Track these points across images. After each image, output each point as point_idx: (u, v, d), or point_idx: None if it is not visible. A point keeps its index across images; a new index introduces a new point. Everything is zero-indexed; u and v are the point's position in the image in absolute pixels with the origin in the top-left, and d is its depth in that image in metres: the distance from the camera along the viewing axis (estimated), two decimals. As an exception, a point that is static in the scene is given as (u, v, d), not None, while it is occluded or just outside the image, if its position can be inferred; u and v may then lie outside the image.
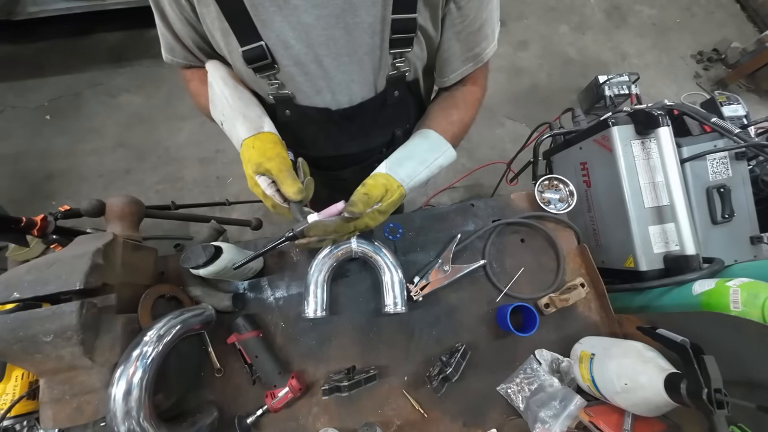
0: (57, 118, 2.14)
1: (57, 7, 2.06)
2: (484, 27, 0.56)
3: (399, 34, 0.50)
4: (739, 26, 2.65)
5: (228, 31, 0.48)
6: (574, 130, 1.20)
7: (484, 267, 0.80)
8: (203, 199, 1.85)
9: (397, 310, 0.70)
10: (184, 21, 0.52)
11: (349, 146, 0.68)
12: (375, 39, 0.50)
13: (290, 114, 0.60)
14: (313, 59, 0.51)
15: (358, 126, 0.64)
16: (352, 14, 0.47)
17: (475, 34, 0.56)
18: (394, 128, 0.69)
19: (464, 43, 0.57)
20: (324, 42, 0.49)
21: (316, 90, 0.56)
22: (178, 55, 0.60)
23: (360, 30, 0.48)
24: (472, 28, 0.54)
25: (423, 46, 0.55)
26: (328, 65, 0.52)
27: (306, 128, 0.64)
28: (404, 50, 0.53)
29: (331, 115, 0.59)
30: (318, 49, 0.50)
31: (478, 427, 0.69)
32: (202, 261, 0.61)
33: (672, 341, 0.53)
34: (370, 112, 0.61)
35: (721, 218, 0.96)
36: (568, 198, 0.85)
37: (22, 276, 0.53)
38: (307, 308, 0.69)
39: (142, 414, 0.51)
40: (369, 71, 0.55)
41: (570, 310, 0.78)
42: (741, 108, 1.44)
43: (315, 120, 0.61)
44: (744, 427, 0.52)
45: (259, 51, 0.49)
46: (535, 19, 2.59)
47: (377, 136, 0.69)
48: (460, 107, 0.64)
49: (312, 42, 0.49)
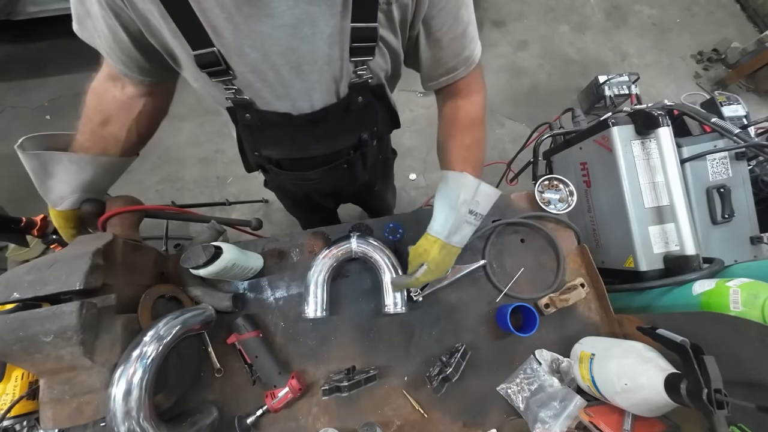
0: (57, 118, 2.14)
1: (57, 7, 2.06)
2: (468, 29, 0.56)
3: (359, 43, 0.49)
4: (739, 26, 2.64)
5: (177, 33, 0.45)
6: (574, 130, 1.20)
7: (484, 267, 0.80)
8: (203, 199, 1.85)
9: (397, 310, 0.70)
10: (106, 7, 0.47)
11: (314, 149, 0.67)
12: (334, 49, 0.49)
13: (250, 118, 0.58)
14: (271, 68, 0.49)
15: (323, 130, 0.62)
16: (309, 25, 0.45)
17: (460, 38, 0.56)
18: (360, 132, 0.68)
19: (450, 49, 0.57)
20: (281, 51, 0.48)
21: (276, 96, 0.54)
22: (86, 31, 0.54)
23: (318, 40, 0.47)
24: (454, 32, 0.55)
25: (387, 57, 0.55)
26: (287, 74, 0.51)
27: (268, 131, 0.62)
28: (366, 58, 0.52)
29: (292, 119, 0.58)
30: (275, 59, 0.48)
31: (478, 427, 0.69)
32: (202, 261, 0.61)
33: (672, 341, 0.53)
34: (334, 116, 0.60)
35: (721, 218, 0.96)
36: (568, 198, 0.85)
37: (22, 276, 0.53)
38: (307, 308, 0.69)
39: (142, 414, 0.51)
40: (330, 80, 0.53)
41: (570, 310, 0.78)
42: (741, 108, 1.44)
43: (277, 123, 0.59)
44: (744, 427, 0.52)
45: (212, 57, 0.47)
46: (535, 19, 2.59)
47: (343, 139, 0.68)
48: (470, 127, 0.64)
49: (268, 51, 0.47)
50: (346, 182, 0.82)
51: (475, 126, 0.64)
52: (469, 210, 0.59)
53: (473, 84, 0.64)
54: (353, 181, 0.82)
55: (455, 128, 0.64)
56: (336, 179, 0.78)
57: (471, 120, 0.64)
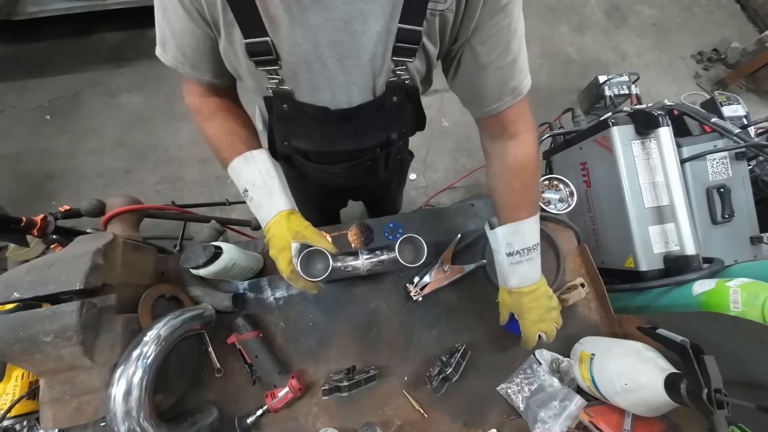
0: (57, 118, 2.14)
1: (57, 7, 2.06)
2: (518, 61, 0.55)
3: (403, 44, 0.51)
4: (739, 26, 2.65)
5: (233, 23, 0.48)
6: (574, 130, 1.20)
7: (484, 267, 0.80)
8: (203, 199, 1.85)
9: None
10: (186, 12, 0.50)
11: (343, 144, 0.68)
12: (379, 47, 0.51)
13: (287, 108, 0.60)
14: (318, 59, 0.51)
15: (354, 126, 0.64)
16: (361, 22, 0.47)
17: (509, 68, 0.55)
18: (389, 131, 0.69)
19: (496, 78, 0.56)
20: (330, 43, 0.49)
21: (317, 89, 0.56)
22: (169, 52, 0.56)
23: (366, 37, 0.49)
24: (502, 62, 0.54)
25: (424, 61, 0.56)
26: (332, 66, 0.52)
27: (302, 123, 0.64)
28: (406, 60, 0.53)
29: (328, 114, 0.59)
30: (323, 50, 0.50)
31: (478, 427, 0.69)
32: (202, 261, 0.61)
33: (672, 341, 0.53)
34: (367, 114, 0.61)
35: (721, 218, 0.96)
36: (568, 198, 0.85)
37: (22, 276, 0.53)
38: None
39: (142, 414, 0.51)
40: (370, 76, 0.55)
41: (570, 310, 0.78)
42: (741, 108, 1.44)
43: (312, 116, 0.61)
44: (744, 427, 0.52)
45: (264, 47, 0.49)
46: (535, 19, 2.59)
47: (372, 137, 0.69)
48: (519, 172, 0.62)
49: (318, 42, 0.49)
50: (367, 179, 0.83)
51: (523, 170, 0.62)
52: (506, 253, 0.62)
53: (521, 121, 0.61)
54: (373, 178, 0.84)
55: (505, 173, 0.63)
56: (358, 175, 0.79)
57: (519, 164, 0.62)
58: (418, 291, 0.76)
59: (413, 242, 0.62)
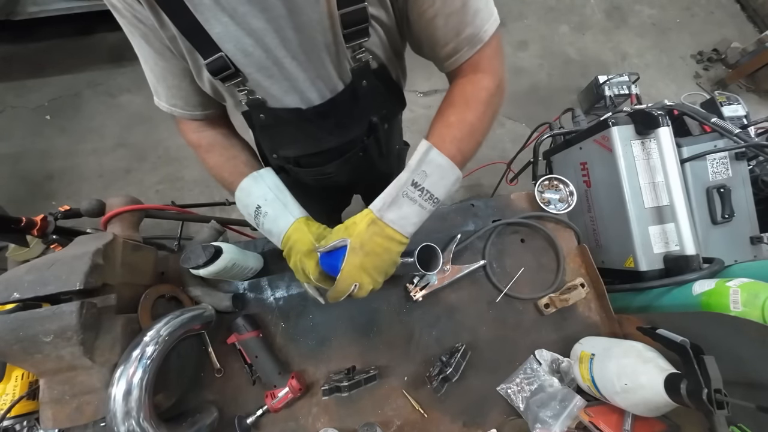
0: (57, 118, 2.14)
1: (57, 7, 2.06)
2: (469, 4, 0.49)
3: (351, 27, 0.49)
4: (739, 26, 2.64)
5: (192, 49, 0.49)
6: (574, 130, 1.20)
7: (484, 267, 0.80)
8: (203, 199, 1.85)
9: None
10: (159, 55, 0.53)
11: (328, 141, 0.68)
12: (327, 35, 0.50)
13: (264, 118, 0.60)
14: (274, 62, 0.51)
15: (334, 121, 0.64)
16: (297, 13, 0.47)
17: (459, 13, 0.49)
18: (369, 116, 0.68)
19: (448, 28, 0.51)
20: (279, 44, 0.49)
21: (284, 91, 0.56)
22: (162, 97, 0.60)
23: (310, 28, 0.48)
24: (450, 8, 0.48)
25: (380, 33, 0.53)
26: (289, 65, 0.52)
27: (283, 129, 0.65)
28: (361, 40, 0.51)
29: (303, 114, 0.59)
30: (276, 52, 0.50)
31: (478, 427, 0.69)
32: (202, 261, 0.61)
33: (672, 341, 0.53)
34: (342, 106, 0.61)
35: (721, 218, 0.96)
36: (568, 198, 0.85)
37: (22, 276, 0.53)
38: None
39: (142, 414, 0.51)
40: (330, 66, 0.54)
41: (570, 310, 0.78)
42: (741, 108, 1.44)
43: (290, 121, 0.61)
44: (744, 427, 0.52)
45: (221, 62, 0.49)
46: (535, 19, 2.59)
47: (354, 127, 0.68)
48: (457, 105, 0.56)
49: (268, 46, 0.49)
50: (365, 171, 0.82)
51: (466, 104, 0.55)
52: (412, 181, 0.51)
53: (482, 63, 0.56)
54: (371, 169, 0.83)
55: (444, 103, 0.57)
56: (352, 169, 0.79)
57: (463, 98, 0.56)
58: (417, 291, 0.76)
59: (430, 251, 0.60)
